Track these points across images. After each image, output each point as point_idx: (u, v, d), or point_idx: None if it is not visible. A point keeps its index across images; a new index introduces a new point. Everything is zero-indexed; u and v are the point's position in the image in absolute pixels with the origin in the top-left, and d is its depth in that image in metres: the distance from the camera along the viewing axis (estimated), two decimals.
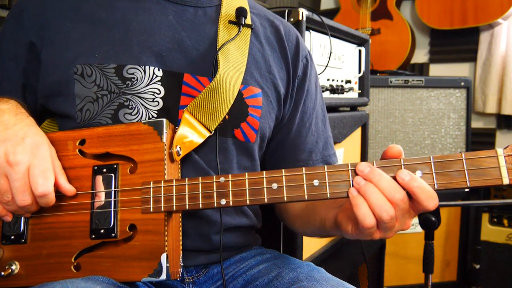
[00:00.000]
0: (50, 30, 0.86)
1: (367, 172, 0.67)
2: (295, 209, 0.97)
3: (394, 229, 0.68)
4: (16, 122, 0.76)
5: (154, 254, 0.73)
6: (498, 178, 0.64)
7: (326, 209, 0.82)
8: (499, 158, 0.64)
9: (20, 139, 0.73)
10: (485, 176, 0.64)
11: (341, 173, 0.69)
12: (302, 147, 1.01)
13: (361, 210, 0.66)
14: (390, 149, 0.69)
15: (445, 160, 0.66)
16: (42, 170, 0.73)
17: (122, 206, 0.76)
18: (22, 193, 0.72)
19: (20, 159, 0.71)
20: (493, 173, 0.64)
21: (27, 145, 0.73)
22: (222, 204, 0.72)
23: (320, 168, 0.69)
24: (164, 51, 0.86)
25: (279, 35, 0.99)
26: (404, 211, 0.67)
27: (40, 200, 0.74)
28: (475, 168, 0.65)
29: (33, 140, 0.74)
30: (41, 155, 0.74)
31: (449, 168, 0.65)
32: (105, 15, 0.86)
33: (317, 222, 0.85)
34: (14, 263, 0.79)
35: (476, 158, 0.65)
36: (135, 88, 0.84)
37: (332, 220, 0.79)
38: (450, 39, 2.80)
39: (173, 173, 0.79)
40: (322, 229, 0.83)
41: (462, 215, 2.35)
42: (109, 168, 0.78)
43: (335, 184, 0.69)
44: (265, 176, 0.71)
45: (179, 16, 0.90)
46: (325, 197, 0.69)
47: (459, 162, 0.65)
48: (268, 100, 0.95)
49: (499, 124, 2.71)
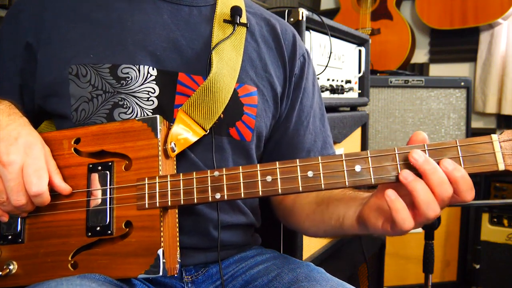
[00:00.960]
0: (46, 30, 0.86)
1: (422, 162, 0.63)
2: (304, 209, 0.95)
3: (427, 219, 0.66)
4: (9, 123, 0.76)
5: (150, 250, 0.73)
6: (494, 164, 0.63)
7: (344, 207, 0.81)
8: (494, 144, 0.63)
9: (13, 139, 0.74)
10: (480, 162, 0.63)
11: (335, 163, 0.68)
12: (300, 146, 1.00)
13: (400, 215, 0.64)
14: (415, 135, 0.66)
15: (439, 148, 0.65)
16: (36, 169, 0.73)
17: (117, 203, 0.76)
18: (16, 193, 0.73)
19: (14, 159, 0.72)
20: (489, 159, 0.63)
21: (20, 145, 0.73)
22: (217, 198, 0.72)
23: (314, 159, 0.69)
24: (158, 50, 0.86)
25: (276, 34, 0.99)
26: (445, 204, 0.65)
27: (34, 200, 0.74)
28: (470, 155, 0.63)
29: (26, 140, 0.75)
30: (34, 154, 0.74)
31: (443, 155, 0.64)
32: (100, 16, 0.87)
33: (333, 220, 0.83)
34: (12, 263, 0.79)
35: (471, 145, 0.63)
36: (129, 88, 0.84)
37: (353, 218, 0.77)
38: (450, 39, 2.80)
39: (169, 170, 0.79)
40: (339, 228, 0.82)
41: (462, 215, 2.35)
42: (104, 165, 0.78)
43: (330, 175, 0.68)
44: (259, 169, 0.71)
45: (174, 15, 0.90)
46: (320, 188, 0.68)
47: (454, 149, 0.64)
48: (264, 98, 0.95)
49: (499, 124, 2.71)
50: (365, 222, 0.74)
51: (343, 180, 0.68)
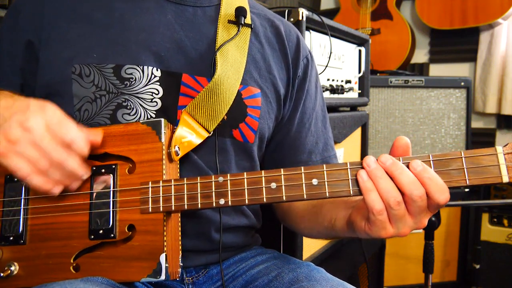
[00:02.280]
0: (48, 29, 0.86)
1: (389, 164, 0.66)
2: (300, 210, 0.96)
3: (407, 224, 0.67)
4: (15, 101, 0.75)
5: (153, 255, 0.73)
6: (498, 176, 0.64)
7: (336, 209, 0.82)
8: (498, 156, 0.64)
9: (25, 108, 0.72)
10: (484, 174, 0.64)
11: (340, 172, 0.68)
12: (301, 148, 1.00)
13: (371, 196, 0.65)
14: (397, 140, 0.68)
15: (444, 158, 0.65)
16: (59, 120, 0.72)
17: (121, 207, 0.76)
18: (54, 150, 0.70)
19: (34, 122, 0.70)
20: (493, 171, 0.64)
21: (34, 109, 0.72)
22: (221, 204, 0.72)
23: (319, 167, 0.69)
24: (162, 51, 0.86)
25: (280, 35, 0.99)
26: (421, 209, 0.66)
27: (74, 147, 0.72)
28: (475, 166, 0.64)
29: (37, 103, 0.73)
30: (51, 110, 0.73)
31: (448, 166, 0.65)
32: (103, 15, 0.86)
33: (326, 222, 0.84)
34: (13, 264, 0.78)
35: (475, 156, 0.64)
36: (133, 88, 0.84)
37: (343, 220, 0.78)
38: (450, 39, 2.80)
39: (172, 173, 0.79)
40: (331, 229, 0.83)
41: (462, 215, 2.35)
42: (108, 168, 0.78)
43: (334, 183, 0.68)
44: (264, 176, 0.71)
45: (178, 15, 0.90)
46: (324, 196, 0.69)
47: (459, 160, 0.65)
48: (268, 100, 0.94)
49: (499, 124, 2.71)
50: (352, 224, 0.75)
51: (348, 188, 0.68)
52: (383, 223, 0.67)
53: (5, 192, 0.80)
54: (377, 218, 0.66)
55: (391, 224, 0.67)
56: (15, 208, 0.80)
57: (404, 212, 0.66)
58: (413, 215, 0.66)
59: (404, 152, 0.68)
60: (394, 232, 0.68)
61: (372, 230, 0.69)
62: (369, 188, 0.66)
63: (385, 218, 0.66)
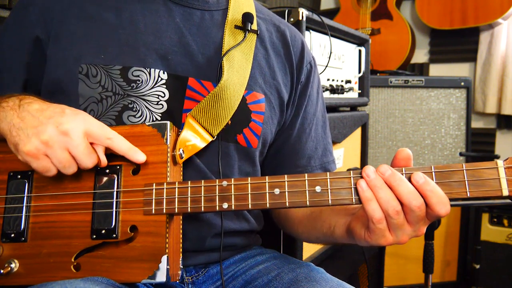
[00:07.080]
0: (56, 26, 0.85)
1: (388, 175, 0.67)
2: (297, 215, 0.96)
3: (406, 232, 0.68)
4: (49, 105, 0.76)
5: (154, 256, 0.73)
6: (498, 189, 0.65)
7: (336, 216, 0.82)
8: (499, 170, 0.65)
9: (61, 112, 0.73)
10: (485, 187, 0.65)
11: (343, 180, 0.69)
12: (301, 153, 1.01)
13: (370, 205, 0.66)
14: (399, 153, 0.69)
15: (445, 170, 0.67)
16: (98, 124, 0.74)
17: (124, 207, 0.76)
18: (89, 155, 0.73)
19: (72, 125, 0.72)
20: (493, 184, 0.65)
21: (69, 113, 0.73)
22: (224, 208, 0.72)
23: (323, 174, 0.70)
24: (169, 54, 0.86)
25: (285, 40, 0.99)
26: (420, 218, 0.67)
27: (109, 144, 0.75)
28: (475, 179, 0.66)
29: (71, 110, 0.75)
30: (85, 116, 0.75)
31: (449, 178, 0.67)
32: (112, 15, 0.86)
33: (324, 228, 0.85)
34: (13, 261, 0.79)
35: (476, 169, 0.66)
36: (140, 91, 0.84)
37: (343, 227, 0.79)
38: (450, 39, 2.80)
39: (176, 176, 0.79)
40: (330, 236, 0.83)
41: (462, 215, 2.35)
42: (112, 168, 0.78)
43: (337, 191, 0.69)
44: (268, 181, 0.71)
45: (185, 19, 0.90)
46: (327, 204, 0.69)
47: (460, 172, 0.66)
48: (271, 106, 0.95)
49: (499, 124, 2.71)
50: (352, 232, 0.76)
51: (350, 197, 0.69)
52: (383, 232, 0.68)
53: (8, 189, 0.81)
54: (377, 227, 0.67)
55: (391, 232, 0.69)
56: (17, 205, 0.80)
57: (403, 221, 0.67)
58: (412, 224, 0.68)
59: (405, 164, 0.69)
60: (393, 240, 0.69)
61: (372, 238, 0.70)
62: (369, 198, 0.67)
63: (385, 226, 0.68)
